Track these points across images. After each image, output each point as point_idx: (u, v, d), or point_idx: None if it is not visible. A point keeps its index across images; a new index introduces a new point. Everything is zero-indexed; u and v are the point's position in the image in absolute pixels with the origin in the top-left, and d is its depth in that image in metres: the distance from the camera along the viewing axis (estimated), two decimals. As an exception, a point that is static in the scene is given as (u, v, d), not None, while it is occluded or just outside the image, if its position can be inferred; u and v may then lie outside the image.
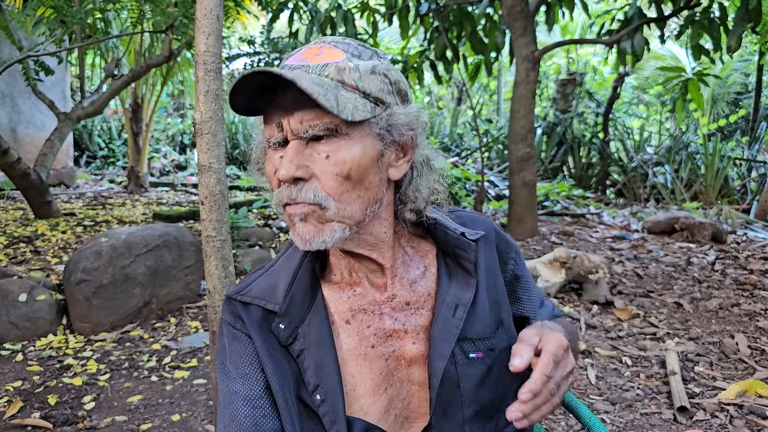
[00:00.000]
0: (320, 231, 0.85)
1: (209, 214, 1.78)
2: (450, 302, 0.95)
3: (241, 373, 0.92)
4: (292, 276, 0.95)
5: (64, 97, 9.24)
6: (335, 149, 0.83)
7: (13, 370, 3.05)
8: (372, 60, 0.88)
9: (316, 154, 0.83)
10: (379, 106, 0.86)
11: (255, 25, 9.32)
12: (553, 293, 3.98)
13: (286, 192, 0.84)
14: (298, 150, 0.83)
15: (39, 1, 5.55)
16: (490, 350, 0.97)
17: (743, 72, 13.16)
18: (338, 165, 0.83)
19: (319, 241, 0.85)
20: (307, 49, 0.89)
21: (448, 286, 0.97)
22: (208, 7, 1.67)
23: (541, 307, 1.12)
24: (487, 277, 1.01)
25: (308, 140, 0.83)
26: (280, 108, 0.83)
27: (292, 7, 6.15)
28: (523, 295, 1.10)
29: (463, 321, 0.94)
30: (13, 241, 4.91)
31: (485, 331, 0.97)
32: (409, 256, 1.00)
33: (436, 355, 0.92)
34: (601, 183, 9.42)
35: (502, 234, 1.09)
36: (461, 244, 0.97)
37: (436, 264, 1.00)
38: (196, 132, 1.71)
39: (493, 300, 1.01)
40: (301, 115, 0.82)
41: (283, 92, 0.82)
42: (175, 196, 8.87)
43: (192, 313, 3.86)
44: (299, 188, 0.83)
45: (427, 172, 0.95)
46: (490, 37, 6.52)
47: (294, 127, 0.82)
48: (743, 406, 2.56)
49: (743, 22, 4.90)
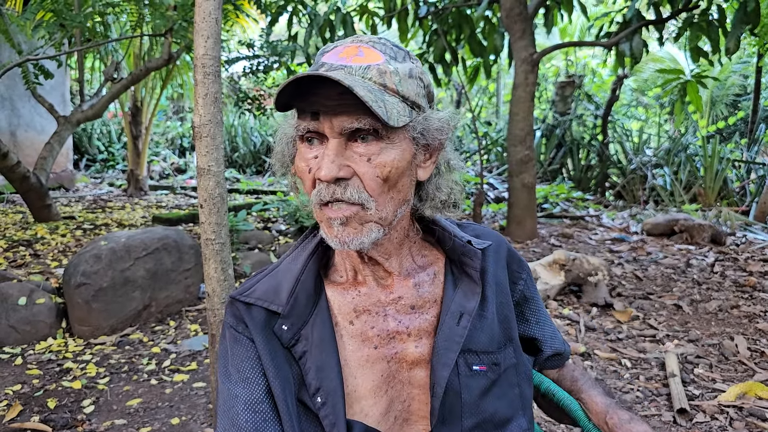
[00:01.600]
0: (359, 232, 0.86)
1: (208, 217, 1.79)
2: (455, 311, 0.95)
3: (243, 377, 0.92)
4: (296, 277, 0.95)
5: (64, 101, 9.25)
6: (376, 152, 0.85)
7: (13, 373, 3.05)
8: (406, 62, 0.90)
9: (356, 155, 0.85)
10: (415, 110, 0.88)
11: (254, 29, 9.34)
12: (553, 295, 3.98)
13: (328, 191, 0.85)
14: (339, 150, 0.84)
15: (39, 4, 5.56)
16: (495, 364, 0.97)
17: (742, 74, 13.17)
18: (379, 168, 0.85)
19: (358, 242, 0.86)
20: (344, 47, 0.89)
21: (453, 294, 0.97)
22: (207, 11, 1.68)
23: (553, 341, 1.15)
24: (497, 293, 1.01)
25: (347, 140, 0.84)
26: (317, 102, 0.84)
27: (291, 10, 6.17)
28: (532, 317, 1.11)
29: (468, 330, 0.94)
30: (12, 245, 4.91)
31: (491, 345, 0.98)
32: (418, 261, 1.01)
33: (440, 363, 0.92)
34: (600, 185, 9.43)
35: (516, 254, 1.10)
36: (467, 252, 0.97)
37: (444, 272, 1.01)
38: (195, 135, 1.72)
39: (503, 316, 1.01)
40: (344, 113, 0.83)
41: (323, 89, 0.83)
42: (174, 199, 8.88)
43: (191, 316, 3.86)
44: (343, 187, 0.84)
45: (446, 172, 0.98)
46: (489, 39, 6.53)
47: (337, 124, 0.83)
48: (743, 408, 2.56)
49: (741, 24, 4.91)
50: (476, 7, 6.20)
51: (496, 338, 0.99)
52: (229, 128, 13.46)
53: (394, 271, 0.96)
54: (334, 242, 0.87)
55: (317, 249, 0.99)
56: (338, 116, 0.82)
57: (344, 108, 0.82)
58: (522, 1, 5.44)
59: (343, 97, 0.81)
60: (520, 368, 1.02)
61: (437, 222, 1.01)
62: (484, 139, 11.13)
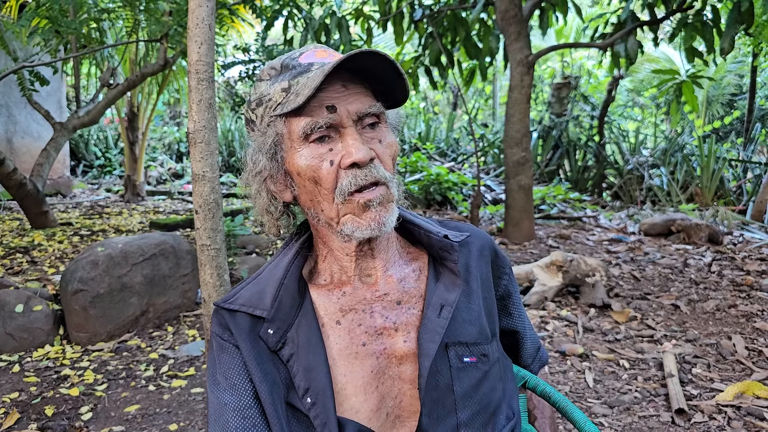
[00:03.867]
0: (390, 211, 0.91)
1: (204, 222, 1.79)
2: (435, 303, 0.97)
3: (230, 384, 0.93)
4: (279, 282, 0.96)
5: (60, 107, 9.24)
6: (384, 134, 0.93)
7: (10, 381, 3.04)
8: None
9: (369, 139, 0.90)
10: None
11: (250, 33, 9.34)
12: (551, 297, 3.99)
13: (360, 174, 0.88)
14: (359, 134, 0.89)
15: (34, 11, 5.56)
16: (484, 356, 0.98)
17: (737, 73, 13.22)
18: (390, 148, 0.93)
19: (391, 221, 0.91)
20: (314, 51, 0.94)
21: (435, 287, 0.99)
22: (200, 17, 1.68)
23: (530, 341, 1.19)
24: (482, 288, 1.03)
25: (359, 125, 0.90)
26: (328, 97, 0.88)
27: (286, 14, 6.17)
28: (515, 311, 1.15)
29: (451, 321, 0.95)
30: (9, 252, 4.90)
31: (479, 337, 0.99)
32: (403, 256, 1.03)
33: (423, 355, 0.93)
34: (597, 186, 9.44)
35: (500, 252, 1.13)
36: (444, 246, 0.99)
37: (428, 267, 1.03)
38: (189, 141, 1.72)
39: (488, 310, 1.03)
40: (356, 101, 0.89)
41: (330, 83, 0.88)
42: (171, 204, 8.86)
43: (189, 322, 3.85)
44: (373, 166, 0.89)
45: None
46: (485, 42, 6.54)
47: (353, 111, 0.88)
48: (741, 408, 2.56)
49: (736, 24, 4.93)
50: (471, 10, 6.21)
51: (484, 331, 1.00)
52: (225, 133, 13.46)
53: (381, 267, 0.98)
54: (371, 227, 0.90)
55: (298, 254, 1.00)
56: (352, 104, 0.88)
57: (353, 96, 0.88)
58: (517, 3, 5.45)
59: (347, 87, 0.88)
60: (502, 362, 1.05)
61: (412, 222, 1.03)
62: (480, 141, 11.14)
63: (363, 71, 0.89)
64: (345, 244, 0.96)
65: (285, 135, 0.92)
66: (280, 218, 1.01)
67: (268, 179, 0.97)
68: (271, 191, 0.98)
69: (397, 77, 0.88)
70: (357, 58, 0.84)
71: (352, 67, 0.86)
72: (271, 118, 0.92)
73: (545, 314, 3.78)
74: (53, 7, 5.44)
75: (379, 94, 0.92)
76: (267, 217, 1.00)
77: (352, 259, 0.97)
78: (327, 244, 0.99)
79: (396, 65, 0.85)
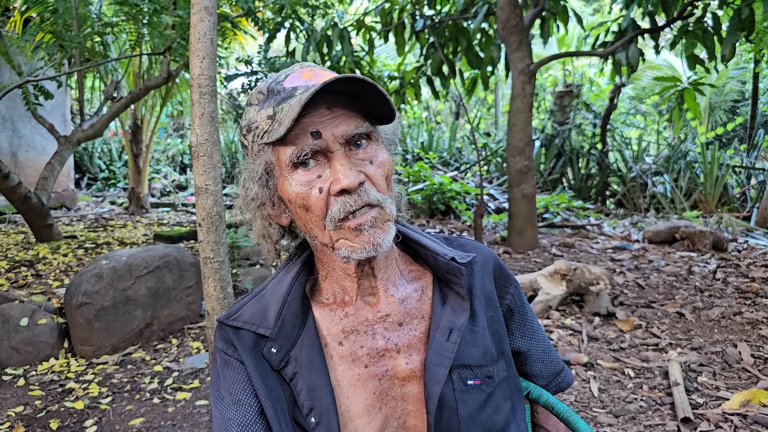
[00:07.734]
0: (385, 231, 0.89)
1: (207, 235, 1.79)
2: (444, 326, 0.95)
3: (235, 399, 0.93)
4: (282, 299, 0.96)
5: (64, 121, 9.30)
6: (374, 154, 0.90)
7: (15, 395, 3.04)
8: None
9: (359, 160, 0.88)
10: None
11: (252, 45, 9.40)
12: (555, 306, 3.98)
13: (350, 200, 0.86)
14: (347, 158, 0.87)
15: (38, 26, 5.61)
16: (488, 377, 0.97)
17: (740, 80, 13.22)
18: (382, 167, 0.90)
19: (387, 241, 0.89)
20: (299, 72, 0.92)
21: (442, 311, 0.98)
22: (202, 31, 1.69)
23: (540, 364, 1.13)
24: (486, 308, 1.02)
25: (347, 147, 0.87)
26: (311, 122, 0.86)
27: (288, 26, 6.21)
28: (517, 330, 1.11)
29: (458, 345, 0.94)
30: (14, 265, 4.92)
31: (483, 359, 0.98)
32: (405, 275, 1.02)
33: (432, 379, 0.92)
34: (600, 194, 9.43)
35: (504, 268, 1.10)
36: (451, 270, 0.98)
37: (432, 288, 1.01)
38: (192, 155, 1.73)
39: (493, 329, 1.02)
40: (341, 124, 0.86)
41: (313, 108, 0.86)
42: (175, 216, 8.89)
43: (194, 334, 3.85)
44: (364, 190, 0.87)
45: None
46: (486, 51, 6.56)
47: (339, 134, 0.86)
48: (747, 416, 2.55)
49: (736, 31, 4.93)
50: (472, 20, 6.24)
51: (489, 352, 0.99)
52: (229, 144, 13.51)
53: (381, 287, 0.97)
54: (366, 249, 0.88)
55: (302, 270, 1.00)
56: (337, 127, 0.86)
57: (339, 119, 0.86)
58: (518, 12, 5.48)
59: (332, 110, 0.86)
60: (511, 381, 1.03)
61: (418, 242, 1.02)
62: (483, 150, 11.15)
63: (346, 93, 0.88)
64: (345, 265, 0.95)
65: (275, 162, 0.91)
66: (278, 241, 1.00)
67: (262, 206, 0.96)
68: (268, 216, 0.97)
69: (381, 100, 0.85)
70: (336, 83, 0.82)
71: (334, 89, 0.85)
72: (260, 146, 0.91)
73: (549, 323, 3.77)
74: (57, 21, 5.50)
75: (370, 110, 0.90)
76: (265, 242, 1.00)
77: (354, 279, 0.96)
78: (327, 265, 0.98)
79: (377, 88, 0.83)
